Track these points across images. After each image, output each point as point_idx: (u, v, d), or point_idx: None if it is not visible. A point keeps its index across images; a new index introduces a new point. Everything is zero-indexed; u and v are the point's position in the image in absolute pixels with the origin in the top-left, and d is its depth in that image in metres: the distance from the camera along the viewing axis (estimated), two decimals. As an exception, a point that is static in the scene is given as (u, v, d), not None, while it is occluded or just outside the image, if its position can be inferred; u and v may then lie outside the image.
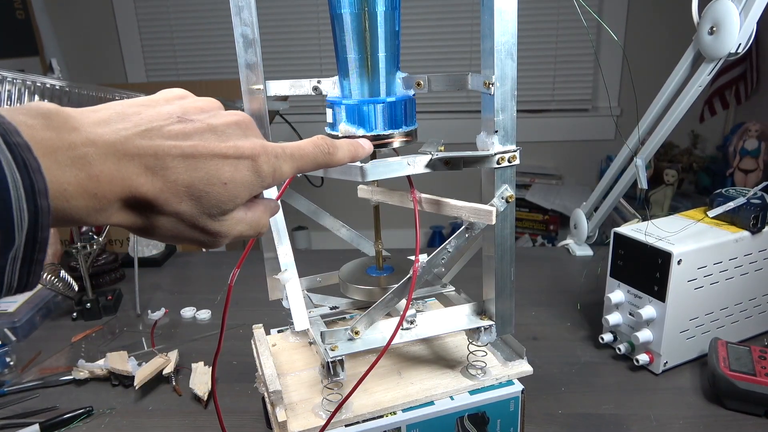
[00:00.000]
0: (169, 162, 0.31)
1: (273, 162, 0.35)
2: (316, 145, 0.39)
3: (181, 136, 0.32)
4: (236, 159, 0.33)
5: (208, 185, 0.32)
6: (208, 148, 0.32)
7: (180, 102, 0.35)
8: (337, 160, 0.41)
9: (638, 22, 2.61)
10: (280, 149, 0.36)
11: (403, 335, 0.53)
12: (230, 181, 0.33)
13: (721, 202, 0.77)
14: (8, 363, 0.83)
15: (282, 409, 0.51)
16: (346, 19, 0.48)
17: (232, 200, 0.33)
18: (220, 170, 0.33)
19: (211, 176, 0.32)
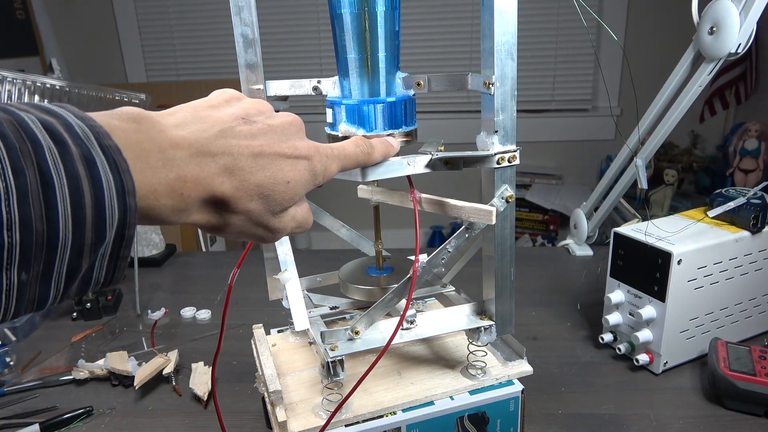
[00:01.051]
0: (243, 162, 0.33)
1: (325, 162, 0.38)
2: (357, 145, 0.42)
3: (249, 136, 0.34)
4: (296, 159, 0.36)
5: (274, 184, 0.34)
6: (273, 148, 0.34)
7: (239, 104, 0.36)
8: (374, 159, 0.44)
9: (638, 22, 2.61)
10: (329, 149, 0.39)
11: (403, 335, 0.53)
12: (292, 180, 0.35)
13: (721, 202, 0.77)
14: (8, 363, 0.83)
15: (282, 409, 0.51)
16: (346, 19, 0.48)
17: (292, 198, 0.36)
18: (284, 169, 0.35)
19: (276, 175, 0.34)
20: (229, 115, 0.34)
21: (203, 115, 0.34)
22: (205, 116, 0.33)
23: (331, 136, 0.52)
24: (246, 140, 0.33)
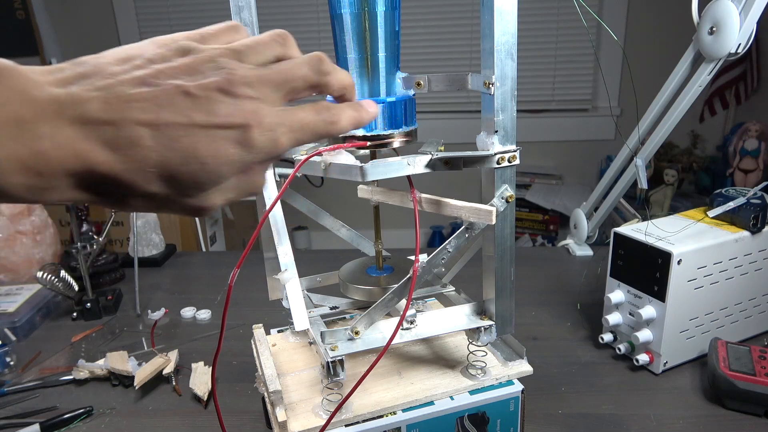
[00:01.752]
0: (135, 134, 0.26)
1: (267, 135, 0.29)
2: (318, 112, 0.33)
3: (151, 100, 0.27)
4: (219, 129, 0.28)
5: (183, 165, 0.27)
6: (184, 117, 0.27)
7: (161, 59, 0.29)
8: (341, 129, 0.35)
9: (638, 22, 2.61)
10: (277, 119, 0.30)
11: (403, 335, 0.53)
12: (211, 158, 0.28)
13: (721, 202, 0.77)
14: (8, 363, 0.83)
15: (282, 409, 0.51)
16: (346, 19, 0.48)
17: (213, 180, 0.29)
18: (198, 145, 0.27)
19: (186, 154, 0.27)
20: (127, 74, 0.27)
21: (103, 69, 0.27)
22: (103, 70, 0.27)
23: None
24: (141, 108, 0.26)
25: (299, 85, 0.32)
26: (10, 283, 1.04)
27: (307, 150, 0.53)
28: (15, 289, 1.01)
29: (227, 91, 0.28)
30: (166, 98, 0.27)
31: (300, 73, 0.32)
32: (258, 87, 0.30)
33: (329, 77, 0.33)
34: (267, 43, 0.32)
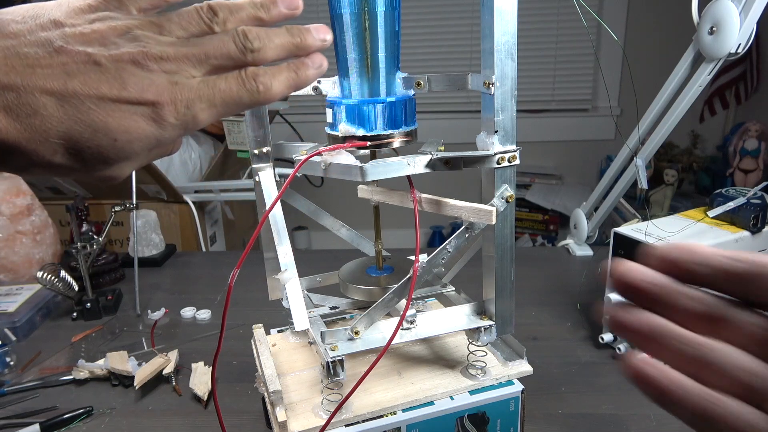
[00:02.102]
0: (38, 102, 0.24)
1: (183, 111, 0.28)
2: (243, 82, 0.30)
3: (55, 68, 0.25)
4: (131, 104, 0.26)
5: (91, 139, 0.26)
6: (93, 88, 0.25)
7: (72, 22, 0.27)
8: (272, 96, 0.31)
9: (638, 22, 2.61)
10: (194, 94, 0.28)
11: (403, 335, 0.53)
12: (122, 134, 0.26)
13: (721, 202, 0.77)
14: (8, 363, 0.83)
15: (282, 409, 0.51)
16: (346, 19, 0.48)
17: (123, 156, 0.27)
18: (108, 120, 0.26)
19: (95, 128, 0.25)
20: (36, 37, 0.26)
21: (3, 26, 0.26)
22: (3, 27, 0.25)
23: (331, 137, 0.52)
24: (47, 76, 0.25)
25: (223, 63, 0.29)
26: (10, 283, 1.04)
27: (307, 150, 0.53)
28: (15, 289, 1.01)
29: (141, 65, 0.27)
30: (74, 67, 0.25)
31: (224, 50, 0.29)
32: (175, 62, 0.28)
33: (258, 53, 0.30)
34: (192, 16, 0.30)
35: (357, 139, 0.50)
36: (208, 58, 0.29)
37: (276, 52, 0.31)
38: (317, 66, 0.33)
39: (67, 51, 0.25)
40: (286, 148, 0.59)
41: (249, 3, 0.31)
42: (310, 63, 0.33)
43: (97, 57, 0.26)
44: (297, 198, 0.63)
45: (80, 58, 0.25)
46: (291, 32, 0.32)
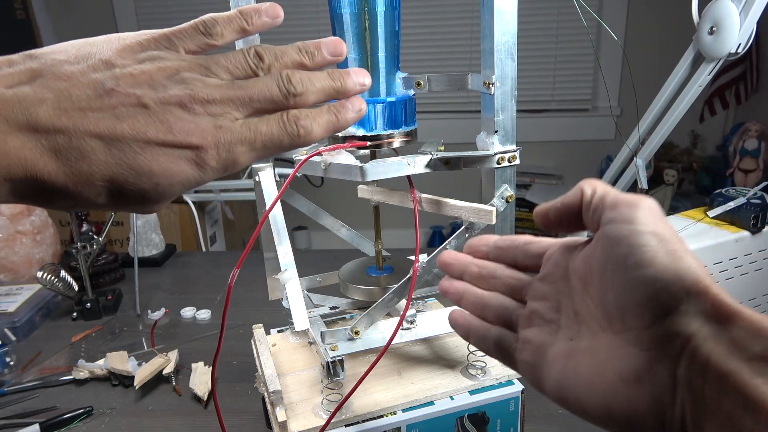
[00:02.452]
0: (86, 146, 0.25)
1: (224, 156, 0.28)
2: (284, 124, 0.30)
3: (106, 112, 0.25)
4: (176, 148, 0.27)
5: (134, 183, 0.26)
6: (140, 134, 0.26)
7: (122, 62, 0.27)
8: (312, 139, 0.32)
9: (638, 22, 2.61)
10: (236, 137, 0.29)
11: (403, 335, 0.53)
12: (164, 177, 0.27)
13: (721, 202, 0.77)
14: (8, 363, 0.83)
15: (282, 409, 0.51)
16: (346, 19, 0.48)
17: (162, 198, 0.28)
18: (153, 164, 0.26)
19: (139, 171, 0.26)
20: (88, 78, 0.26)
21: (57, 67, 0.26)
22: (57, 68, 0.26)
23: (331, 137, 0.52)
24: (96, 119, 0.25)
25: (266, 106, 0.30)
26: (10, 283, 1.04)
27: (307, 150, 0.53)
28: (15, 289, 1.01)
29: (187, 108, 0.27)
30: (124, 110, 0.26)
31: (267, 94, 0.30)
32: (220, 105, 0.28)
33: (301, 98, 0.31)
34: (238, 59, 0.31)
35: (357, 139, 0.50)
36: (252, 102, 0.29)
37: (317, 96, 0.32)
38: (357, 110, 0.34)
39: (117, 93, 0.26)
40: (286, 148, 0.59)
41: (294, 48, 0.32)
42: (350, 106, 0.33)
43: (145, 100, 0.26)
44: (297, 198, 0.63)
45: (129, 100, 0.26)
46: (332, 77, 0.33)
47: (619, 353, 0.27)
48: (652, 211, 0.28)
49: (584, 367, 0.29)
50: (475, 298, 0.37)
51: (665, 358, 0.25)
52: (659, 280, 0.25)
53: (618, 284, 0.27)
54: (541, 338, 0.33)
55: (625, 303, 0.27)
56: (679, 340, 0.25)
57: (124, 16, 2.77)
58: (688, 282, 0.25)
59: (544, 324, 0.33)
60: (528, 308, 0.34)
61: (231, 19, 0.32)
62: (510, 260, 0.38)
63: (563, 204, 0.32)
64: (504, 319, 0.36)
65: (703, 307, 0.24)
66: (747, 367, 0.23)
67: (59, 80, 0.26)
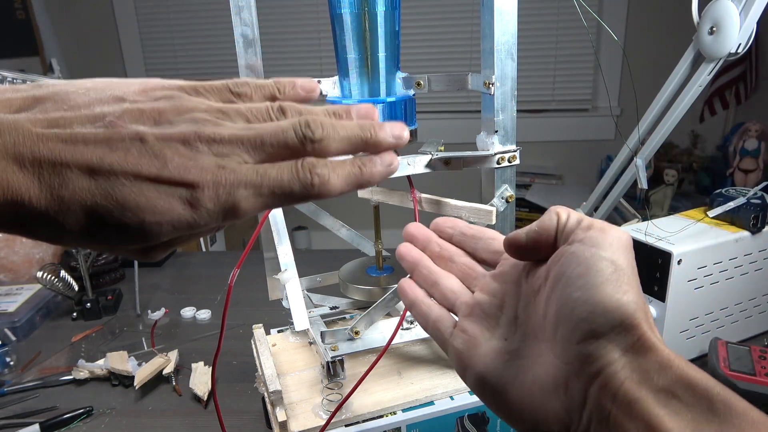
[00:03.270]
0: (69, 176, 0.23)
1: (224, 198, 0.25)
2: (297, 171, 0.27)
3: (99, 144, 0.24)
4: (169, 185, 0.24)
5: (117, 218, 0.24)
6: (129, 166, 0.24)
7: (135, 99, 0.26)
8: (329, 191, 0.28)
9: (638, 22, 2.61)
10: (239, 178, 0.26)
11: (403, 335, 0.53)
12: (151, 215, 0.24)
13: (721, 202, 0.77)
14: (8, 363, 0.83)
15: (282, 409, 0.51)
16: (346, 19, 0.48)
17: (147, 238, 0.25)
18: (139, 199, 0.24)
19: (124, 203, 0.24)
20: (98, 101, 0.25)
21: (65, 97, 0.25)
22: (65, 98, 0.25)
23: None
24: (93, 148, 0.24)
25: (280, 151, 0.27)
26: (10, 283, 1.04)
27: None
28: (15, 289, 1.01)
29: (190, 145, 0.25)
30: (119, 142, 0.24)
31: (281, 137, 0.27)
32: (228, 145, 0.26)
33: (320, 144, 0.27)
34: (260, 111, 0.28)
35: (357, 139, 0.50)
36: (264, 145, 0.26)
37: (340, 146, 0.28)
38: (387, 164, 0.30)
39: (117, 126, 0.24)
40: (286, 148, 0.59)
41: (322, 110, 0.29)
42: (380, 161, 0.29)
43: (144, 134, 0.24)
44: (297, 198, 0.63)
45: (127, 134, 0.24)
46: (362, 126, 0.29)
47: (544, 361, 0.29)
48: (619, 240, 0.29)
49: (509, 367, 0.31)
50: (428, 272, 0.38)
51: (582, 376, 0.27)
52: (599, 305, 0.27)
53: (563, 298, 0.28)
54: (476, 331, 0.34)
55: (562, 317, 0.28)
56: (598, 363, 0.26)
57: (124, 16, 2.77)
58: (624, 315, 0.26)
59: (483, 318, 0.34)
60: (474, 298, 0.36)
61: (263, 86, 0.30)
62: (470, 249, 0.38)
63: (539, 227, 0.32)
64: (448, 301, 0.37)
65: (629, 339, 0.26)
66: (654, 398, 0.25)
67: (59, 109, 0.25)
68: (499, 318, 0.34)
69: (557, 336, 0.28)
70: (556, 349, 0.28)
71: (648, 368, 0.26)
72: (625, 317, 0.26)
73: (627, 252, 0.29)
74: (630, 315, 0.27)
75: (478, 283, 0.37)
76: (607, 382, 0.26)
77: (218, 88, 0.29)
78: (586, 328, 0.27)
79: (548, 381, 0.28)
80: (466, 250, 0.39)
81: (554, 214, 0.32)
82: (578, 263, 0.28)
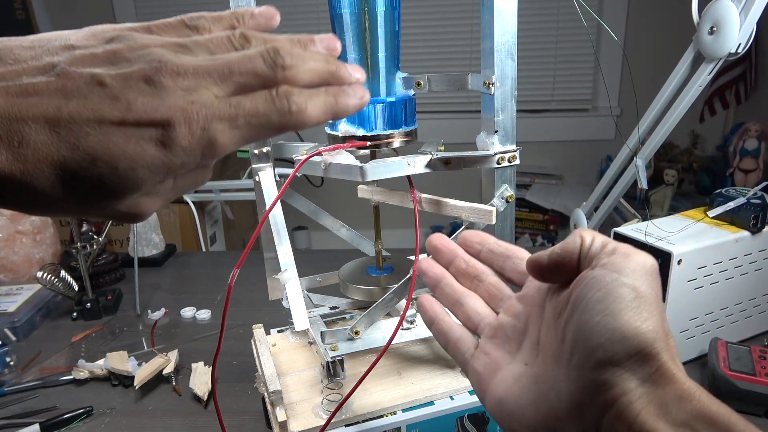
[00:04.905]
0: (25, 131, 0.22)
1: (198, 134, 0.24)
2: (273, 100, 0.26)
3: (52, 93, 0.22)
4: (137, 127, 0.23)
5: (89, 169, 0.23)
6: (91, 113, 0.22)
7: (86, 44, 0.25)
8: (307, 120, 0.27)
9: (638, 22, 2.61)
10: (214, 112, 0.24)
11: (403, 335, 0.53)
12: (124, 160, 0.23)
13: (721, 202, 0.77)
14: (8, 363, 0.83)
15: (282, 409, 0.51)
16: (346, 19, 0.48)
17: (127, 188, 0.24)
18: (108, 145, 0.23)
19: (94, 155, 0.22)
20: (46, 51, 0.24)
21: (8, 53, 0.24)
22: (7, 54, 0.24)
23: (331, 137, 0.52)
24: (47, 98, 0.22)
25: (249, 80, 0.26)
26: (10, 283, 1.04)
27: (307, 150, 0.53)
28: (15, 289, 1.01)
29: (153, 82, 0.23)
30: (74, 90, 0.23)
31: (249, 65, 0.26)
32: (194, 78, 0.24)
33: (289, 71, 0.26)
34: (222, 41, 0.27)
35: (357, 139, 0.50)
36: (232, 74, 0.25)
37: (309, 76, 0.27)
38: (359, 96, 0.29)
39: (70, 74, 0.23)
40: (286, 148, 0.59)
41: (285, 38, 0.28)
42: (351, 92, 0.29)
43: (101, 77, 0.23)
44: (297, 198, 0.63)
45: (83, 80, 0.23)
46: (326, 59, 0.28)
47: (559, 387, 0.28)
48: (643, 267, 0.28)
49: (528, 392, 0.30)
50: (451, 291, 0.37)
51: (596, 404, 0.26)
52: (617, 332, 0.26)
53: (581, 323, 0.28)
54: (497, 354, 0.33)
55: (579, 342, 0.27)
56: (613, 392, 0.25)
57: (124, 17, 2.77)
58: (642, 343, 0.26)
59: (506, 341, 0.34)
60: (498, 320, 0.35)
61: (221, 17, 0.29)
62: (498, 267, 0.37)
63: (562, 249, 0.31)
64: (472, 322, 0.36)
65: (647, 369, 0.25)
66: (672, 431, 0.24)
67: (4, 64, 0.23)
68: (522, 342, 0.33)
69: (573, 361, 0.28)
70: (570, 374, 0.28)
71: (666, 400, 0.25)
72: (643, 346, 0.26)
73: (651, 278, 0.28)
74: (649, 344, 0.26)
75: (504, 304, 0.36)
76: (622, 411, 0.25)
77: (172, 24, 0.28)
78: (602, 354, 0.26)
79: (564, 407, 0.28)
80: (493, 267, 0.37)
81: (578, 237, 0.31)
82: (598, 288, 0.28)
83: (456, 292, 0.37)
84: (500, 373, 0.32)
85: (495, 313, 0.36)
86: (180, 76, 0.24)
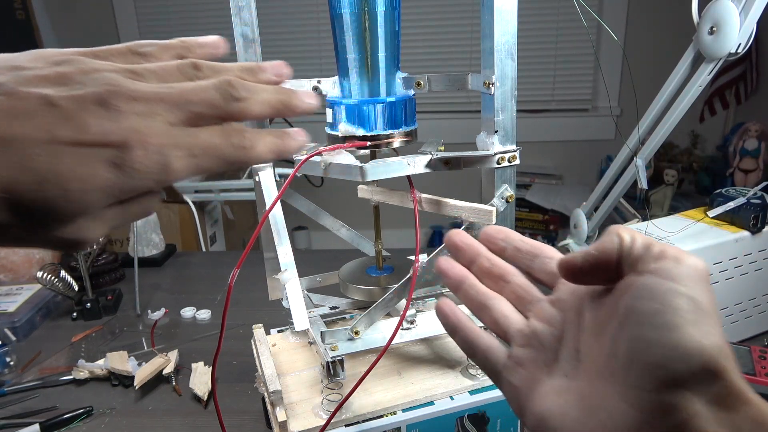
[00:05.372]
0: None
1: (154, 158, 0.24)
2: (227, 135, 0.27)
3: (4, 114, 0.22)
4: (89, 148, 0.22)
5: (37, 191, 0.22)
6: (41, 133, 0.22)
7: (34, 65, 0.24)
8: (255, 156, 0.28)
9: (638, 22, 2.61)
10: (169, 140, 0.25)
11: (403, 335, 0.53)
12: (76, 182, 0.22)
13: (721, 202, 0.77)
14: (8, 363, 0.83)
15: (282, 409, 0.51)
16: (346, 19, 0.48)
17: (78, 210, 0.23)
18: (59, 166, 0.22)
19: (42, 176, 0.22)
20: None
21: None
22: None
23: (331, 137, 0.52)
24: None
25: (203, 110, 0.26)
26: (10, 283, 1.04)
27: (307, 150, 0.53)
28: (15, 289, 1.01)
29: (108, 105, 0.23)
30: (23, 110, 0.22)
31: (204, 96, 0.26)
32: (149, 104, 0.25)
33: (243, 103, 0.27)
34: (171, 69, 0.27)
35: (357, 139, 0.50)
36: (188, 103, 0.26)
37: (261, 108, 0.28)
38: (300, 138, 0.31)
39: (18, 93, 0.22)
40: (286, 148, 0.59)
41: (236, 66, 0.29)
42: (293, 134, 0.30)
43: (53, 98, 0.22)
44: (297, 198, 0.63)
45: (32, 100, 0.22)
46: (277, 90, 0.29)
47: (612, 406, 0.26)
48: (697, 272, 0.26)
49: (573, 408, 0.28)
50: (476, 294, 0.34)
51: (659, 428, 0.24)
52: (679, 348, 0.24)
53: (635, 337, 0.25)
54: (534, 366, 0.31)
55: (635, 359, 0.25)
56: (679, 416, 0.23)
57: (124, 17, 2.77)
58: (707, 360, 0.23)
59: (541, 350, 0.31)
60: (529, 326, 0.32)
61: (169, 46, 0.29)
62: (525, 267, 0.34)
63: (598, 250, 0.29)
64: (500, 328, 0.33)
65: (714, 389, 0.23)
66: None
67: None
68: (559, 351, 0.30)
69: (629, 380, 0.25)
70: (627, 394, 0.25)
71: (740, 424, 0.23)
72: (708, 363, 0.23)
73: (706, 285, 0.26)
74: (713, 360, 0.23)
75: (533, 308, 0.33)
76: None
77: (120, 50, 0.28)
78: (663, 374, 0.24)
79: (620, 428, 0.25)
80: (519, 267, 0.34)
81: (615, 236, 0.29)
82: (652, 298, 0.25)
83: (481, 294, 0.34)
84: (540, 387, 0.30)
85: (524, 318, 0.33)
86: (134, 101, 0.24)
